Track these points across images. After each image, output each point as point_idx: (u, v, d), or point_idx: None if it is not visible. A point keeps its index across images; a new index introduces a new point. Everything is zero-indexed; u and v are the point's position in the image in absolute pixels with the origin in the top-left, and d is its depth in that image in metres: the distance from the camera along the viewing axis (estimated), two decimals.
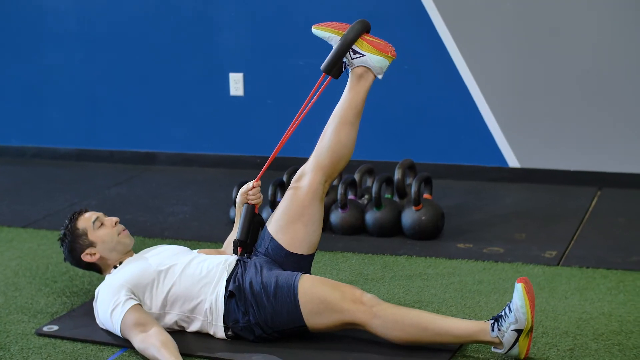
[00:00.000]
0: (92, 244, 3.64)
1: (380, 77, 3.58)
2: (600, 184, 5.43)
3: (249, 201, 3.64)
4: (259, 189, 3.65)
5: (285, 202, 3.55)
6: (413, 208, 4.63)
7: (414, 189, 4.61)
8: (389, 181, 4.84)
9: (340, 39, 3.52)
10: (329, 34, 3.57)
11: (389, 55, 3.55)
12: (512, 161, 5.59)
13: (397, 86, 5.69)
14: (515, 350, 3.23)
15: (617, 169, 5.40)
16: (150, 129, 6.32)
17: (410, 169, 4.92)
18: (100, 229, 3.66)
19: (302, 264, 3.53)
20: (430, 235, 4.64)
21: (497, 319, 3.24)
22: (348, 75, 3.57)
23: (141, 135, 6.35)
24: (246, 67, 6.02)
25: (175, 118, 6.26)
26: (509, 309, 3.22)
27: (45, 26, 6.35)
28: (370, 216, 4.70)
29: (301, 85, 4.68)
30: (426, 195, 4.78)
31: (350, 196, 4.84)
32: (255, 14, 5.89)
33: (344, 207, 4.73)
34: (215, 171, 6.10)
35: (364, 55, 3.53)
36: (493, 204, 5.24)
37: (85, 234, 3.65)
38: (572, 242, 4.57)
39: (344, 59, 3.54)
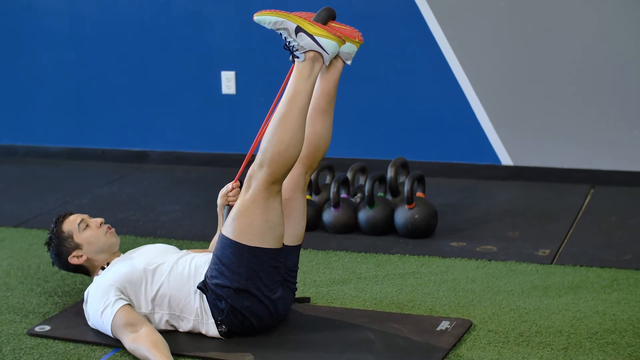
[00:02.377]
0: (78, 246, 3.63)
1: (349, 62, 3.52)
2: (594, 182, 5.43)
3: (229, 202, 3.64)
4: (238, 189, 3.65)
5: None
6: (406, 206, 4.62)
7: (406, 187, 4.60)
8: (381, 180, 4.83)
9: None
10: (276, 18, 3.54)
11: (356, 40, 3.47)
12: (505, 159, 5.58)
13: (389, 84, 5.69)
14: (325, 43, 3.32)
15: (610, 166, 5.41)
16: (142, 128, 6.31)
17: (403, 167, 4.92)
18: (85, 230, 3.65)
19: (289, 256, 3.51)
20: (423, 234, 4.63)
21: (292, 55, 3.34)
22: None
23: (133, 133, 6.33)
24: (238, 65, 6.00)
25: (167, 116, 6.24)
26: (283, 38, 3.32)
27: (36, 24, 6.33)
28: (363, 215, 4.69)
29: None
30: (419, 194, 4.78)
31: (343, 195, 4.83)
32: (247, 12, 5.87)
33: (336, 205, 4.72)
34: (207, 169, 6.09)
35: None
36: (486, 202, 5.23)
37: (71, 237, 3.63)
38: (566, 240, 4.56)
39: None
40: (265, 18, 3.37)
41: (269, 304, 3.43)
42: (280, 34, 3.37)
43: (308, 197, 4.86)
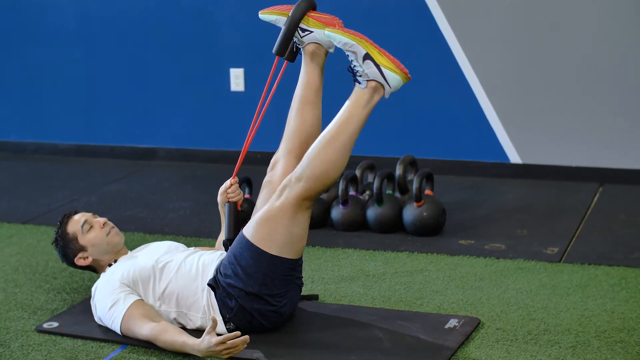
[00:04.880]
0: (83, 249, 3.65)
1: (332, 50, 3.56)
2: (602, 180, 5.42)
3: (229, 199, 3.64)
4: (237, 185, 3.66)
5: (264, 193, 3.59)
6: (414, 204, 4.61)
7: (415, 185, 4.59)
8: (390, 177, 4.82)
9: (287, 19, 3.50)
10: (275, 16, 3.57)
11: (336, 28, 3.50)
12: (514, 157, 5.57)
13: None
14: (389, 75, 3.32)
15: (619, 164, 5.39)
16: (150, 125, 6.31)
17: (412, 164, 4.91)
18: (89, 232, 3.65)
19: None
20: (431, 232, 4.62)
21: (354, 77, 3.33)
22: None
23: (141, 130, 6.33)
24: (247, 62, 6.00)
25: (175, 114, 6.24)
26: (348, 58, 3.30)
27: (44, 21, 6.33)
28: (372, 212, 4.69)
29: None
30: (427, 192, 4.77)
31: (352, 192, 4.83)
32: (256, 9, 5.85)
33: (345, 203, 4.71)
34: (215, 167, 6.09)
35: (312, 31, 3.51)
36: (494, 200, 5.22)
37: (76, 239, 3.65)
38: (574, 238, 4.55)
39: (294, 39, 3.52)
40: (337, 37, 3.33)
41: (278, 308, 3.43)
42: (347, 55, 3.35)
43: None
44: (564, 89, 5.41)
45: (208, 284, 3.42)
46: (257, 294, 3.38)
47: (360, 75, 3.35)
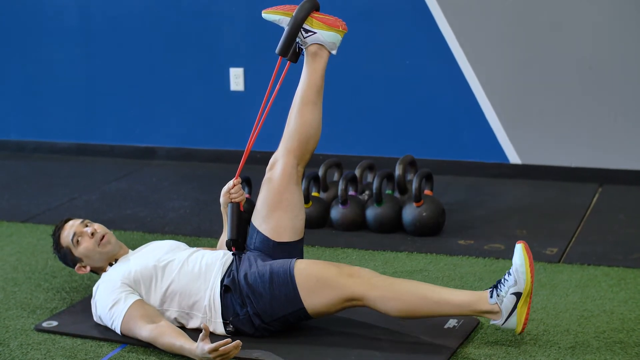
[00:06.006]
0: (79, 260, 3.66)
1: (334, 52, 3.59)
2: (602, 181, 5.42)
3: (232, 200, 3.64)
4: (240, 186, 3.66)
5: (263, 192, 3.59)
6: (414, 204, 4.61)
7: (414, 185, 4.59)
8: (389, 177, 4.82)
9: (290, 20, 3.52)
10: (279, 16, 3.59)
11: (340, 29, 3.55)
12: (513, 157, 5.57)
13: (397, 82, 5.68)
14: (513, 320, 3.24)
15: (619, 165, 5.39)
16: (151, 124, 6.31)
17: (411, 165, 4.91)
18: (79, 244, 3.65)
19: (293, 252, 3.53)
20: (431, 232, 4.62)
21: (496, 286, 3.26)
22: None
23: (141, 129, 6.33)
24: (247, 62, 6.00)
25: (175, 113, 6.24)
26: (509, 274, 3.24)
27: (44, 20, 6.33)
28: (371, 212, 4.69)
29: None
30: (427, 192, 4.77)
31: (351, 192, 4.83)
32: (255, 8, 5.85)
33: (344, 203, 4.71)
34: (215, 166, 6.09)
35: (315, 32, 3.54)
36: (494, 201, 5.23)
37: (70, 252, 3.66)
38: (573, 239, 4.56)
39: (297, 40, 3.55)
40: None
41: (280, 326, 3.45)
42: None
43: (316, 194, 4.86)
44: (563, 89, 5.41)
45: (225, 285, 3.42)
46: (268, 322, 3.42)
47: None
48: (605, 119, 5.37)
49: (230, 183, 3.66)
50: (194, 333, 3.45)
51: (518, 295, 3.23)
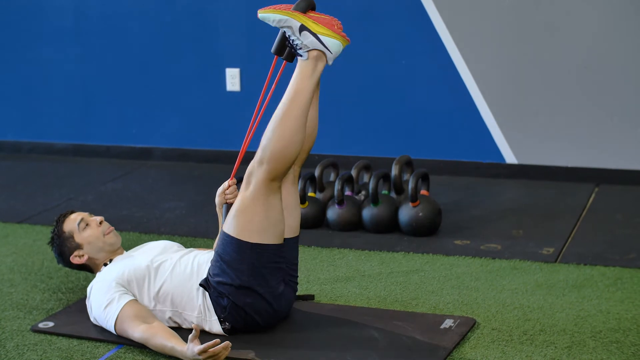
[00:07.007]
0: (79, 246, 3.65)
1: (331, 57, 3.51)
2: (598, 181, 5.43)
3: (227, 200, 3.64)
4: (235, 187, 3.65)
5: None
6: (410, 204, 4.61)
7: (411, 185, 4.59)
8: (386, 177, 4.82)
9: (288, 19, 3.49)
10: (279, 15, 3.53)
11: (334, 30, 3.45)
12: (510, 157, 5.58)
13: (394, 82, 5.68)
14: (329, 41, 3.31)
15: (615, 165, 5.40)
16: (146, 124, 6.31)
17: (408, 165, 4.91)
18: (85, 230, 3.65)
19: (287, 249, 3.51)
20: (427, 232, 4.62)
21: (295, 51, 3.35)
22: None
23: (137, 130, 6.33)
24: (243, 62, 6.00)
25: (171, 113, 6.24)
26: (289, 37, 3.32)
27: (40, 21, 6.33)
28: (367, 212, 4.69)
29: None
30: (423, 192, 4.77)
31: (347, 192, 4.83)
32: (252, 9, 5.86)
33: (340, 203, 4.71)
34: (211, 167, 6.09)
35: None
36: (490, 201, 5.23)
37: (72, 236, 3.64)
38: (570, 239, 4.56)
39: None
40: (269, 16, 3.37)
41: (272, 300, 3.43)
42: (284, 32, 3.38)
43: (312, 194, 4.86)
44: (560, 89, 5.41)
45: (200, 284, 3.42)
46: (247, 287, 3.38)
47: (300, 48, 3.37)
48: (601, 119, 5.38)
49: (226, 184, 3.66)
50: (188, 332, 3.44)
51: (302, 27, 3.29)
